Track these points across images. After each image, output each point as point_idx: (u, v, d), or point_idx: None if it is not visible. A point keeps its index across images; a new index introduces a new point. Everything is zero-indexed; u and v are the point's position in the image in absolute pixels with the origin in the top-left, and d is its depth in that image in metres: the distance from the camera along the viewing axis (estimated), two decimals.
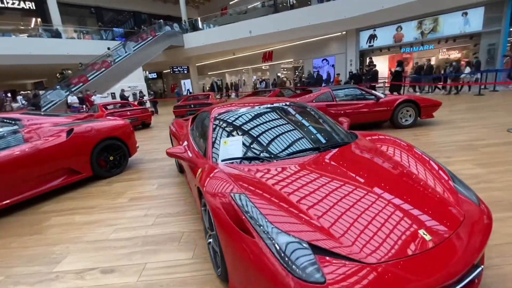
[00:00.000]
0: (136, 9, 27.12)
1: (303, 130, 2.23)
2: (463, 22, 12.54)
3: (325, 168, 1.65)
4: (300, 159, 1.81)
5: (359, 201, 1.34)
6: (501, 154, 3.50)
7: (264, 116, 2.35)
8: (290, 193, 1.43)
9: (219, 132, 2.22)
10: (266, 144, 2.06)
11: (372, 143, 2.08)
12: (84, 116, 6.13)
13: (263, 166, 1.75)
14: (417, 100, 5.31)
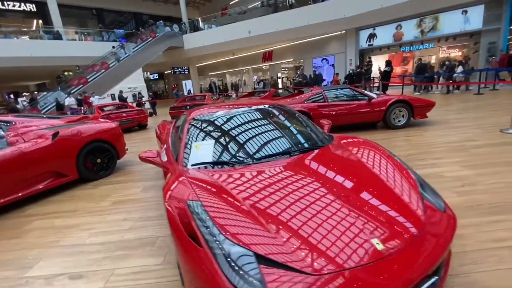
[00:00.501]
0: (137, 10, 27.25)
1: (278, 134, 2.19)
2: (463, 20, 12.38)
3: (290, 175, 1.62)
4: (268, 164, 1.78)
5: (316, 209, 1.31)
6: (491, 156, 3.43)
7: (240, 119, 2.32)
8: (251, 201, 1.40)
9: (193, 135, 2.19)
10: (238, 148, 2.03)
11: (345, 147, 2.04)
12: (78, 118, 6.18)
13: (230, 172, 1.72)
14: (410, 100, 5.23)
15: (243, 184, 1.56)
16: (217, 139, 2.12)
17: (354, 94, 5.42)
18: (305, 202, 1.35)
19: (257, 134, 2.15)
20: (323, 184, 1.49)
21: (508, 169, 2.96)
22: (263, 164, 1.79)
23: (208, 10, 27.00)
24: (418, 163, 3.44)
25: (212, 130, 2.24)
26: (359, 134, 5.34)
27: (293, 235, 1.18)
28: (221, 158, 1.94)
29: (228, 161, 1.87)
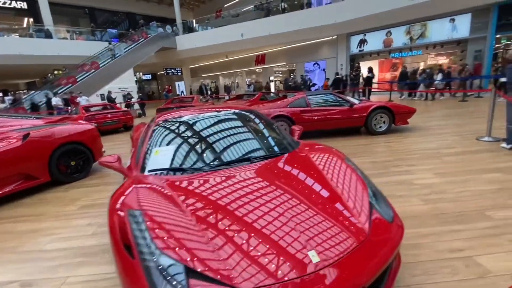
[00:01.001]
0: (131, 11, 27.07)
1: (241, 140, 2.17)
2: (450, 28, 12.62)
3: (242, 186, 1.59)
4: (224, 172, 1.75)
5: (259, 223, 1.29)
6: (463, 163, 3.46)
7: (204, 125, 2.30)
8: (194, 211, 1.37)
9: (155, 140, 2.16)
10: (198, 155, 2.00)
11: (306, 154, 2.03)
12: (59, 118, 6.06)
13: (185, 179, 1.69)
14: (391, 106, 5.28)
15: (194, 193, 1.53)
16: (178, 145, 2.09)
17: (336, 99, 5.45)
18: (250, 215, 1.32)
19: (219, 140, 2.13)
20: (271, 196, 1.47)
21: (477, 177, 2.99)
22: (219, 172, 1.77)
23: (202, 12, 26.98)
24: (393, 169, 3.46)
25: (174, 135, 2.21)
26: (342, 139, 5.36)
27: (231, 248, 1.15)
28: (180, 164, 1.91)
29: (185, 168, 1.84)
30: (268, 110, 5.45)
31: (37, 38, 17.48)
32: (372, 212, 1.44)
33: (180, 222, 1.29)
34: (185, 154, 2.00)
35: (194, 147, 2.06)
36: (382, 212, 1.46)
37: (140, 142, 2.38)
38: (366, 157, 4.06)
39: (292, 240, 1.19)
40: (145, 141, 2.19)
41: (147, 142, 2.15)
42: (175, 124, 2.32)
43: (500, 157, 3.63)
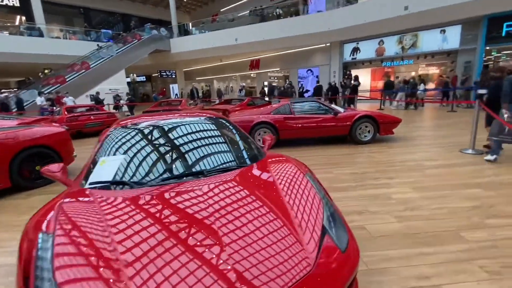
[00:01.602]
0: (127, 12, 26.93)
1: (199, 151, 2.01)
2: (441, 39, 12.73)
3: (179, 204, 1.42)
4: (168, 189, 1.58)
5: (183, 254, 1.11)
6: (443, 177, 3.35)
7: (163, 133, 2.13)
8: (119, 236, 1.20)
9: (105, 148, 1.99)
10: (148, 167, 1.83)
11: (265, 168, 1.87)
12: (33, 120, 5.83)
13: (123, 195, 1.52)
14: (376, 116, 5.18)
15: (126, 213, 1.35)
16: (126, 154, 1.92)
17: (321, 107, 5.34)
18: (177, 247, 1.14)
19: (174, 151, 1.96)
20: (210, 219, 1.30)
21: (456, 193, 2.87)
22: (163, 188, 1.59)
23: (199, 15, 26.99)
24: (370, 182, 3.32)
25: (125, 143, 2.03)
26: (326, 147, 5.23)
27: (141, 283, 0.98)
28: (123, 177, 1.73)
29: (128, 182, 1.67)
30: (250, 117, 5.32)
31: (28, 37, 17.19)
32: (323, 239, 1.29)
33: (98, 251, 1.12)
34: (132, 166, 1.82)
35: (144, 158, 1.89)
36: (335, 238, 1.31)
37: (93, 150, 2.21)
38: (346, 168, 3.93)
39: (221, 276, 1.02)
40: (95, 149, 2.02)
41: (95, 151, 1.98)
42: (130, 130, 2.15)
43: (482, 171, 3.53)
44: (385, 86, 11.84)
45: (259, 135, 5.31)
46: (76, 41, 19.44)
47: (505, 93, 3.80)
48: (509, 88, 3.76)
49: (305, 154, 4.83)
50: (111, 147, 2.00)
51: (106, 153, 1.96)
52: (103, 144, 2.04)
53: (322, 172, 3.78)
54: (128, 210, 1.37)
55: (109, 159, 1.89)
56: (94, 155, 1.96)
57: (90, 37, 21.10)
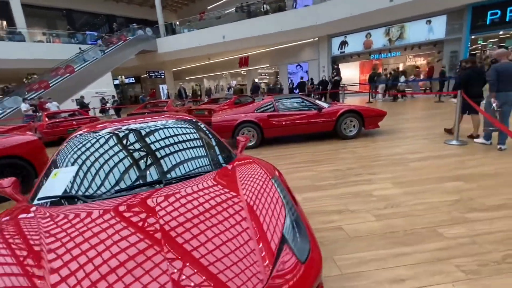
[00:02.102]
0: (111, 13, 26.41)
1: (161, 158, 1.89)
2: (427, 30, 12.75)
3: (130, 217, 1.31)
4: (121, 200, 1.47)
5: (134, 273, 1.01)
6: (426, 170, 3.29)
7: (124, 139, 2.00)
8: (52, 256, 1.08)
9: (61, 158, 1.86)
10: (102, 178, 1.70)
11: (229, 173, 1.77)
12: (6, 129, 5.62)
13: (70, 211, 1.40)
14: (360, 110, 5.11)
15: (67, 233, 1.23)
16: (81, 165, 1.79)
17: (305, 103, 5.25)
18: (121, 268, 1.04)
19: (134, 159, 1.84)
20: (156, 232, 1.19)
21: (437, 187, 2.81)
22: (116, 200, 1.48)
23: (186, 14, 26.57)
24: (353, 178, 3.25)
25: (81, 152, 1.90)
26: (311, 144, 5.14)
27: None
28: (74, 191, 1.61)
29: (77, 196, 1.54)
30: (233, 116, 5.20)
31: (9, 42, 16.71)
32: (282, 249, 1.19)
33: (27, 274, 1.00)
34: (86, 178, 1.70)
35: (99, 169, 1.76)
36: (295, 248, 1.22)
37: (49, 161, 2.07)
38: (329, 165, 3.85)
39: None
40: (51, 160, 1.88)
41: (51, 161, 1.85)
42: (89, 138, 2.01)
43: (464, 162, 3.49)
44: (370, 79, 11.85)
45: (243, 134, 5.20)
46: (59, 44, 19.01)
47: (492, 82, 3.76)
48: (495, 77, 3.71)
49: (289, 152, 4.74)
50: (67, 157, 1.87)
51: (61, 163, 1.83)
52: (59, 154, 1.91)
53: (305, 170, 3.70)
54: (71, 230, 1.25)
55: (62, 170, 1.76)
56: (48, 167, 1.83)
57: (74, 39, 20.63)
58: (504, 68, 3.69)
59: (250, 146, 5.19)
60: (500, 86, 3.71)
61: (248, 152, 5.01)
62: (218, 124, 5.15)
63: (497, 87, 3.73)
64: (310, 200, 2.78)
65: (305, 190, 3.05)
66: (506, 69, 3.68)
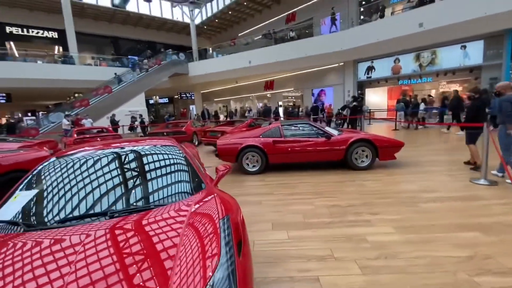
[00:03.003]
0: (152, 39, 28.91)
1: (119, 187, 1.81)
2: (462, 55, 11.95)
3: (56, 251, 1.22)
4: (60, 232, 1.39)
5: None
6: (438, 214, 2.84)
7: (91, 165, 1.98)
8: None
9: (28, 183, 1.87)
10: (53, 204, 1.66)
11: (184, 209, 1.63)
12: (36, 142, 6.09)
13: (12, 240, 1.36)
14: (374, 140, 4.74)
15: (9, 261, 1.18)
16: (39, 190, 1.77)
17: (313, 130, 5.01)
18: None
19: (89, 188, 1.78)
20: (70, 274, 1.08)
21: (447, 237, 2.38)
22: (60, 230, 1.41)
23: (219, 41, 28.19)
24: (350, 217, 2.90)
25: (48, 176, 1.89)
26: (317, 173, 4.82)
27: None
28: (22, 217, 1.58)
29: (26, 223, 1.50)
30: (238, 140, 5.11)
31: (61, 64, 18.89)
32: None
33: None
34: (33, 204, 1.67)
35: (54, 195, 1.73)
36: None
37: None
38: (330, 198, 3.52)
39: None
40: (21, 181, 1.91)
41: (18, 185, 1.87)
42: (56, 163, 2.02)
43: (489, 207, 2.97)
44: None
45: (247, 159, 5.06)
46: (103, 67, 21.03)
47: (508, 114, 3.62)
48: (510, 108, 3.58)
49: (292, 181, 4.47)
50: (29, 181, 1.88)
51: (23, 186, 1.84)
52: (27, 177, 1.93)
53: (301, 203, 3.41)
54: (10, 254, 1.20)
55: (22, 194, 1.75)
56: (13, 189, 1.85)
57: (117, 63, 22.78)
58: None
59: (254, 171, 5.02)
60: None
61: (251, 177, 4.83)
62: (222, 147, 5.09)
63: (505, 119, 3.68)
64: (294, 240, 2.50)
65: (293, 227, 2.77)
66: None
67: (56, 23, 21.37)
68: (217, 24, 27.37)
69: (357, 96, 12.36)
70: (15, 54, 21.01)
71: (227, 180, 4.81)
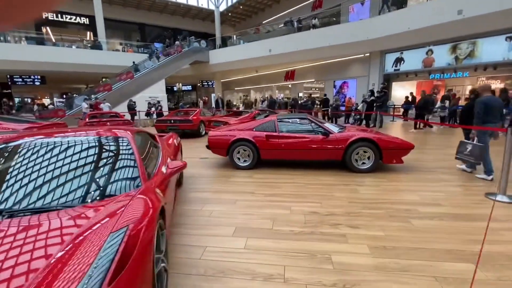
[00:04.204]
0: (177, 26, 29.16)
1: (43, 182, 1.65)
2: (507, 48, 10.48)
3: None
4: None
5: None
6: (430, 235, 2.38)
7: (23, 155, 1.84)
8: None
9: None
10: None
11: (95, 210, 1.43)
12: (45, 124, 6.30)
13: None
14: (377, 140, 4.22)
15: None
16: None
17: (310, 126, 4.58)
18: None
19: (14, 180, 1.63)
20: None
21: (431, 266, 1.95)
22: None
23: (243, 28, 27.65)
24: (324, 229, 2.54)
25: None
26: (312, 171, 4.42)
27: None
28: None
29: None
30: (230, 132, 4.84)
31: (89, 50, 19.69)
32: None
33: None
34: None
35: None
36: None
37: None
38: (311, 204, 3.16)
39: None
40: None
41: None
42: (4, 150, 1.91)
43: (497, 233, 2.43)
44: (423, 104, 10.18)
45: (239, 153, 4.79)
46: (130, 53, 21.61)
47: (477, 115, 3.83)
48: (479, 109, 3.80)
49: (278, 180, 4.12)
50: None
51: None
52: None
53: (278, 207, 3.09)
54: None
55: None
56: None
57: (141, 50, 23.32)
58: (489, 101, 3.82)
59: (244, 166, 4.75)
60: (487, 118, 3.81)
61: (240, 173, 4.57)
62: (213, 139, 4.86)
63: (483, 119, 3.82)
64: (250, 251, 2.21)
65: (256, 234, 2.48)
66: (491, 102, 3.82)
67: (87, 9, 22.17)
68: (242, 11, 26.80)
69: (379, 90, 11.40)
70: (52, 39, 22.23)
71: (213, 174, 4.60)
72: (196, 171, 4.80)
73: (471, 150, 3.83)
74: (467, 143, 3.97)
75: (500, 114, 3.88)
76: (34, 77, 19.49)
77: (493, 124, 3.80)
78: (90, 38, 24.32)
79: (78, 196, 1.61)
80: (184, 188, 3.83)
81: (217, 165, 5.14)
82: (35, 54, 16.67)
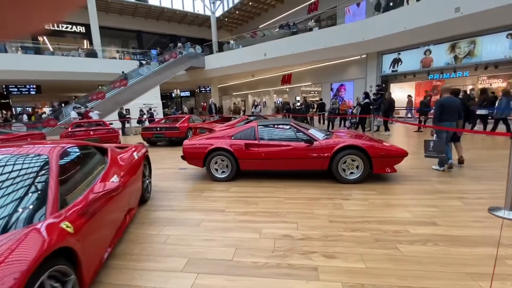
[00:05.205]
0: (174, 33, 29.11)
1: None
2: (508, 45, 10.04)
3: None
4: None
5: None
6: (419, 267, 1.94)
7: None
8: None
9: None
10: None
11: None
12: (21, 135, 5.96)
13: None
14: (367, 147, 3.78)
15: None
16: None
17: (293, 133, 4.16)
18: None
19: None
20: None
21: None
22: None
23: (239, 33, 27.57)
24: (294, 260, 2.10)
25: None
26: (298, 183, 3.99)
27: None
28: None
29: None
30: (207, 140, 4.43)
31: (84, 58, 19.54)
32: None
33: None
34: None
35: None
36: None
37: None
38: (286, 224, 2.72)
39: None
40: None
41: None
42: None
43: (502, 262, 1.99)
44: (421, 106, 9.75)
45: (216, 163, 4.38)
46: (126, 60, 21.44)
47: (435, 115, 4.27)
48: (437, 109, 4.24)
49: (257, 194, 3.69)
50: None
51: None
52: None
53: (246, 230, 2.66)
54: None
55: None
56: None
57: (137, 57, 23.18)
58: (446, 101, 4.19)
59: (222, 178, 4.33)
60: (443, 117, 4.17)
61: (216, 186, 4.14)
62: (188, 149, 4.45)
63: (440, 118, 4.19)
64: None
65: (211, 269, 2.05)
66: (448, 102, 4.18)
67: (83, 18, 22.16)
68: (238, 16, 26.68)
69: (376, 92, 10.96)
70: (50, 48, 22.16)
71: (187, 187, 4.18)
72: (171, 184, 4.39)
73: (433, 146, 4.06)
74: (430, 140, 4.17)
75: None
76: (30, 86, 19.34)
77: (449, 123, 4.16)
78: (87, 47, 24.28)
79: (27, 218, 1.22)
80: (148, 206, 3.42)
81: (195, 177, 4.73)
82: (31, 63, 16.52)
